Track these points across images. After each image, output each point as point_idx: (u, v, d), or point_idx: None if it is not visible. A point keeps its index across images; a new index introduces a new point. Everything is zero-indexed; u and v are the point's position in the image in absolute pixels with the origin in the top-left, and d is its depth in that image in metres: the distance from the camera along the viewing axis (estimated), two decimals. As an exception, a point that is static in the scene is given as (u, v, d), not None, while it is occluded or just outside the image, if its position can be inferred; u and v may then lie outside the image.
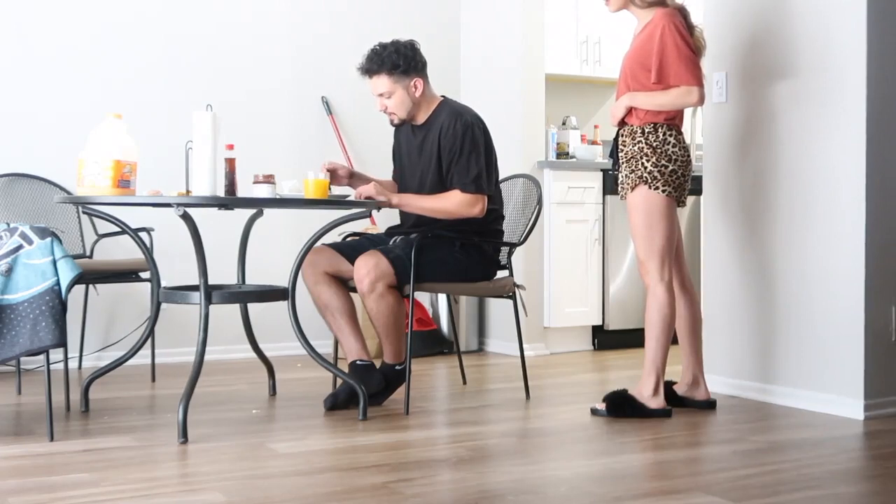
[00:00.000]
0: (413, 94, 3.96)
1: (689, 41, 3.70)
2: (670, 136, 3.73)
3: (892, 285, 3.85)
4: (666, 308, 3.75)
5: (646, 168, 3.73)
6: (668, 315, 3.75)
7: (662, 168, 3.71)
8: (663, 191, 3.72)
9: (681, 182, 3.77)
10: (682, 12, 3.77)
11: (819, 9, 3.91)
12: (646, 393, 3.78)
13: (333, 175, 4.00)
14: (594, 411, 3.84)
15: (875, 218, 3.79)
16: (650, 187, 3.72)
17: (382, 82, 3.96)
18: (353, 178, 4.09)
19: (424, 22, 5.67)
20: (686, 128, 5.09)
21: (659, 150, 3.72)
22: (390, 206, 3.94)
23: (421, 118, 4.03)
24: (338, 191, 4.07)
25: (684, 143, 3.80)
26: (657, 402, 3.77)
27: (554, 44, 5.70)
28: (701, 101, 3.72)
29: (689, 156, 3.79)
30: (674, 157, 3.73)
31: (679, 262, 3.93)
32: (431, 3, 5.79)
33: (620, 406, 3.79)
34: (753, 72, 4.17)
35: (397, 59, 3.92)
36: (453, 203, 3.91)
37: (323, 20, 5.54)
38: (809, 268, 3.94)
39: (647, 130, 3.74)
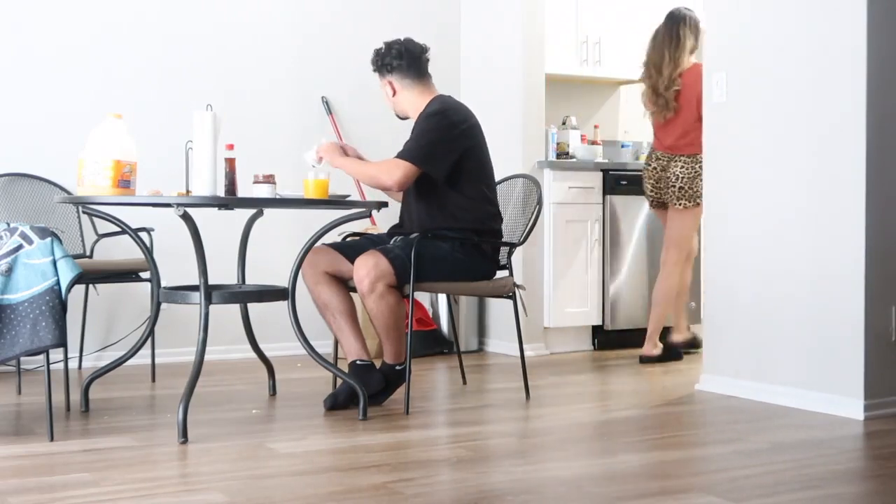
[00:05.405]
0: (387, 93, 4.03)
1: None
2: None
3: (892, 286, 3.85)
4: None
5: None
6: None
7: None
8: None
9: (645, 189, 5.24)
10: None
11: (819, 9, 3.91)
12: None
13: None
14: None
15: (875, 218, 3.79)
16: None
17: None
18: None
19: (424, 22, 5.67)
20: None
21: None
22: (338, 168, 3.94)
23: (414, 115, 4.05)
24: (337, 190, 4.07)
25: (650, 157, 5.17)
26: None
27: (554, 44, 5.70)
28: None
29: (647, 168, 5.15)
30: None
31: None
32: (431, 3, 5.79)
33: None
34: (753, 72, 4.17)
35: (374, 59, 4.04)
36: (379, 167, 3.90)
37: (323, 20, 5.54)
38: (809, 268, 3.94)
39: None
